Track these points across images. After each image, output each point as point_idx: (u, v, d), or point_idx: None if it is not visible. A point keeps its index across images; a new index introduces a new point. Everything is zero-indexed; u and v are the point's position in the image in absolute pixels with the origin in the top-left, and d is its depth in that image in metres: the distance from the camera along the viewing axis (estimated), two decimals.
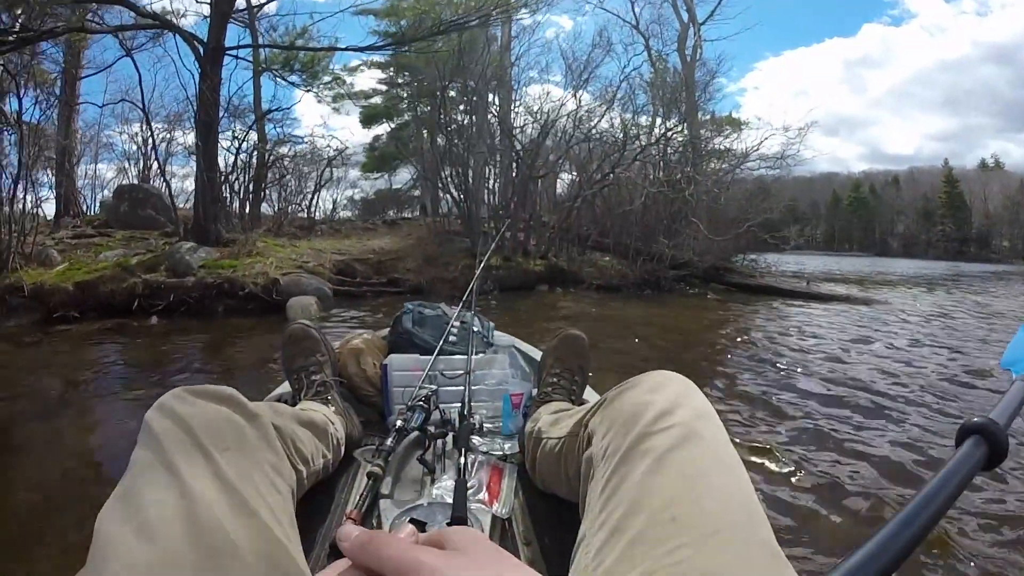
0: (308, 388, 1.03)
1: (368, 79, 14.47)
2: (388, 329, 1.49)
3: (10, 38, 5.33)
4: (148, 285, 5.31)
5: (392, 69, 13.55)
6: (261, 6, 8.39)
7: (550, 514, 0.83)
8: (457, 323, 1.40)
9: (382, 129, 15.07)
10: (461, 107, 9.61)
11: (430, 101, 9.86)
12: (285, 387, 1.19)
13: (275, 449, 0.60)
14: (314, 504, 0.80)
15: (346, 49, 7.23)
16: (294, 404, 0.96)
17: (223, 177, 7.53)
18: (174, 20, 6.42)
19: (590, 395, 1.15)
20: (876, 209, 48.35)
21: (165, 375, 3.13)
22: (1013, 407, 0.34)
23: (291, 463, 0.65)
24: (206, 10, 6.23)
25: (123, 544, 0.42)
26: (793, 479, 1.87)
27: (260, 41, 8.40)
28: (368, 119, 14.45)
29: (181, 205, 9.72)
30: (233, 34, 7.02)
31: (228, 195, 8.42)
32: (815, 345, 4.28)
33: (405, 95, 13.45)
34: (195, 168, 7.04)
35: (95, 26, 5.97)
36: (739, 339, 4.49)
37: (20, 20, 5.46)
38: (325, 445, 0.83)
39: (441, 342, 1.30)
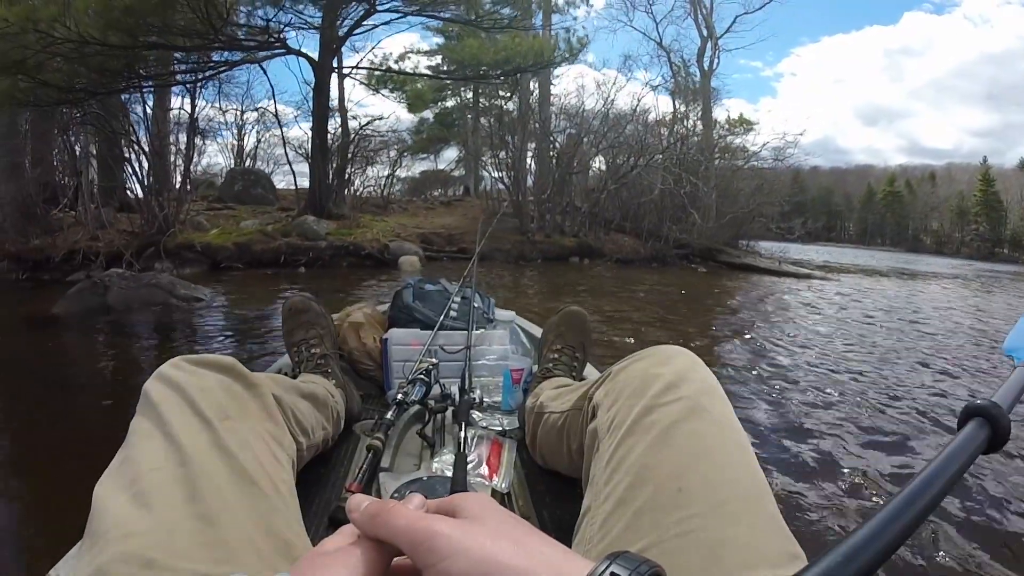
0: (308, 361, 1.03)
1: (415, 62, 14.92)
2: (388, 304, 1.50)
3: (204, 69, 7.72)
4: (290, 246, 7.58)
5: (440, 57, 14.66)
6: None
7: (549, 489, 0.85)
8: (458, 299, 1.40)
9: (428, 113, 15.82)
10: (506, 95, 11.22)
11: (474, 89, 11.39)
12: (285, 360, 1.18)
13: (275, 419, 0.60)
14: (313, 476, 0.81)
15: (425, 75, 9.36)
16: (294, 377, 0.96)
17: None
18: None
19: (590, 372, 1.14)
20: (911, 205, 48.18)
21: (322, 296, 5.08)
22: (1015, 392, 0.34)
23: (291, 434, 0.64)
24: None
25: (121, 512, 0.41)
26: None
27: (343, 54, 10.68)
28: (415, 104, 15.09)
29: (281, 186, 12.25)
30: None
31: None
32: (755, 302, 6.30)
33: (451, 82, 14.45)
34: (310, 159, 9.41)
35: (253, 57, 8.28)
36: (707, 294, 6.57)
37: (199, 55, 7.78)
38: (325, 417, 0.83)
39: (442, 317, 1.30)
